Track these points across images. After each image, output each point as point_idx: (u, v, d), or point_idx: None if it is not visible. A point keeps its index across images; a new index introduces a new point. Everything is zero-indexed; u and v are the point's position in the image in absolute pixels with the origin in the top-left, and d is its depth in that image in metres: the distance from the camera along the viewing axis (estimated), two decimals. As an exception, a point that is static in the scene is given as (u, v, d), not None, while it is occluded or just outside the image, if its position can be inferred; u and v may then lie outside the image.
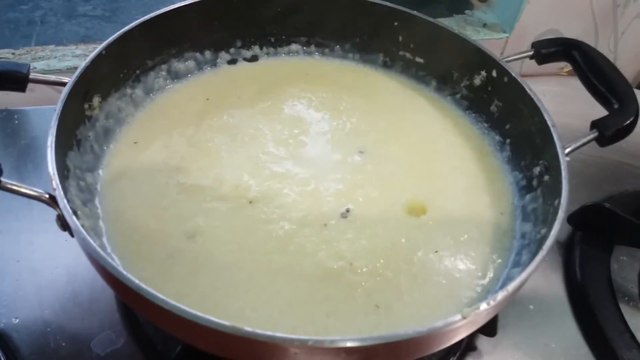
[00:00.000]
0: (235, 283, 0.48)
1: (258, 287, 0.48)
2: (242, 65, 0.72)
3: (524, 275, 0.42)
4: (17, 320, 0.54)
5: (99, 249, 0.41)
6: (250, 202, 0.55)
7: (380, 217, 0.55)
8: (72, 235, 0.45)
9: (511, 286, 0.41)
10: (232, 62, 0.72)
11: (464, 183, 0.59)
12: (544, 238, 0.47)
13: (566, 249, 0.67)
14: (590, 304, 0.60)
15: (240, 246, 0.51)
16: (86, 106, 0.56)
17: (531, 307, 0.61)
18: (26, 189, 0.44)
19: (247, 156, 0.60)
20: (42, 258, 0.59)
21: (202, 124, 0.63)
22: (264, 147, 0.62)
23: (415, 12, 0.68)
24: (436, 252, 0.52)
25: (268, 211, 0.54)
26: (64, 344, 0.53)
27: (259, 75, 0.72)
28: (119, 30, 0.86)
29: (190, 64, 0.68)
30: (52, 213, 0.45)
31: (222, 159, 0.59)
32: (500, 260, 0.52)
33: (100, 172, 0.56)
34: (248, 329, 0.37)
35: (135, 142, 0.60)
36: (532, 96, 0.57)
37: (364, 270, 0.50)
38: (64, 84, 0.51)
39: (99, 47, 0.55)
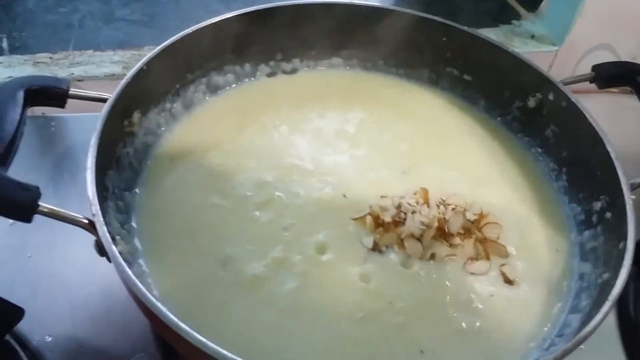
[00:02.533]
0: (269, 320, 0.46)
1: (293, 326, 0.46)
2: (280, 78, 0.70)
3: (587, 329, 0.39)
4: (50, 339, 0.53)
5: (137, 281, 0.39)
6: (286, 230, 0.52)
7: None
8: (109, 261, 0.44)
9: (573, 342, 0.38)
10: (272, 74, 0.70)
11: (517, 215, 0.56)
12: (607, 285, 0.43)
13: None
14: (644, 345, 0.57)
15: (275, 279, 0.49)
16: (126, 123, 0.54)
17: (582, 347, 0.57)
18: (64, 214, 0.43)
19: (283, 174, 0.58)
20: (76, 274, 0.58)
21: (238, 139, 0.62)
22: (301, 163, 0.60)
23: (465, 28, 0.65)
24: (491, 296, 0.48)
25: (303, 240, 0.52)
26: (96, 366, 0.52)
27: (298, 89, 0.70)
28: (156, 36, 0.85)
29: (230, 77, 0.66)
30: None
31: (257, 178, 0.57)
32: (558, 304, 0.48)
33: (137, 190, 0.54)
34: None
35: (171, 159, 0.58)
36: (594, 124, 0.54)
37: (407, 310, 0.47)
38: (104, 100, 0.50)
39: (140, 62, 0.53)
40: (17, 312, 0.51)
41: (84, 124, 0.73)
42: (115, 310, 0.56)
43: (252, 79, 0.69)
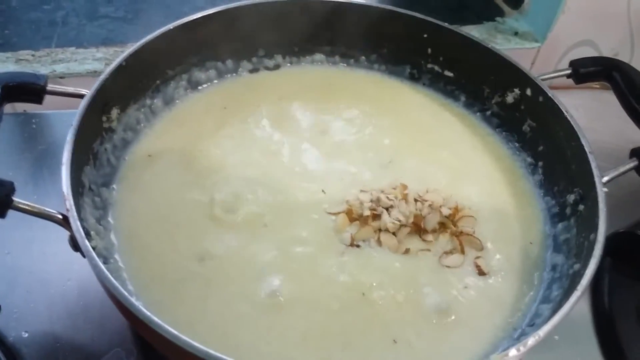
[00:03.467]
0: (246, 313, 0.46)
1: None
2: (263, 74, 0.70)
3: (556, 318, 0.40)
4: (27, 335, 0.53)
5: (109, 275, 0.39)
6: (265, 226, 0.53)
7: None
8: (83, 256, 0.44)
9: (543, 330, 0.39)
10: (254, 70, 0.70)
11: (493, 208, 0.56)
12: (578, 275, 0.44)
13: (594, 276, 0.63)
14: (617, 334, 0.57)
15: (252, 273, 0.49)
16: (104, 119, 0.54)
17: (556, 337, 0.58)
18: (38, 209, 0.43)
19: (263, 171, 0.58)
20: (54, 270, 0.58)
21: (217, 135, 0.62)
22: (281, 159, 0.60)
23: (446, 24, 0.65)
24: (465, 287, 0.49)
25: (281, 235, 0.52)
26: (73, 361, 0.52)
27: (280, 84, 0.70)
28: (140, 32, 0.85)
29: (212, 73, 0.66)
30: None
31: (237, 174, 0.57)
32: (530, 294, 0.49)
33: (114, 186, 0.54)
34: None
35: (149, 155, 0.58)
36: (569, 119, 0.54)
37: (382, 302, 0.48)
38: (81, 96, 0.50)
39: (119, 58, 0.53)
40: (-7, 309, 0.51)
41: (65, 121, 0.72)
42: (92, 306, 0.56)
43: (234, 74, 0.69)
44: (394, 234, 0.51)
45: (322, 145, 0.62)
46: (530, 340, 0.38)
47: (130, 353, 0.53)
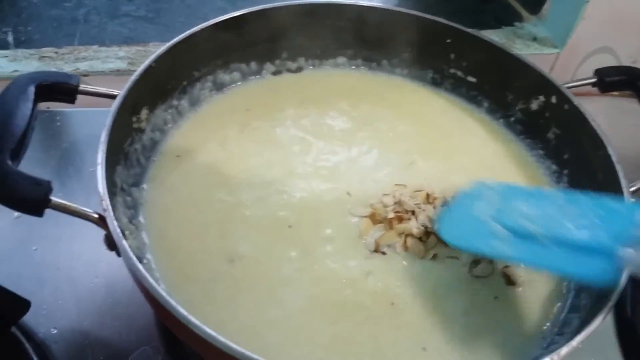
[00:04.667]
0: (276, 315, 0.47)
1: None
2: (286, 76, 0.71)
3: (591, 327, 0.40)
4: (56, 331, 0.54)
5: (147, 276, 0.40)
6: (290, 227, 0.53)
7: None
8: (118, 255, 0.44)
9: (576, 340, 0.39)
10: (277, 73, 0.70)
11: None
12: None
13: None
14: (640, 344, 0.58)
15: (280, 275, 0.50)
16: (134, 119, 0.55)
17: (579, 346, 0.58)
18: (75, 208, 0.44)
19: (286, 172, 0.59)
20: (81, 267, 0.59)
21: (244, 136, 0.62)
22: (305, 160, 0.61)
23: (470, 30, 0.66)
24: (495, 298, 0.49)
25: (307, 237, 0.52)
26: (101, 359, 0.52)
27: (303, 87, 0.70)
28: (161, 32, 0.86)
29: (235, 75, 0.67)
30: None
31: (261, 175, 0.58)
32: (558, 303, 0.49)
33: (144, 186, 0.55)
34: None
35: (177, 155, 0.59)
36: (596, 128, 0.55)
37: (410, 309, 0.48)
38: (113, 97, 0.50)
39: (149, 59, 0.54)
40: (23, 305, 0.51)
41: (89, 119, 0.73)
42: (120, 303, 0.56)
43: (258, 76, 0.69)
44: (420, 239, 0.52)
45: (345, 148, 0.63)
46: (564, 350, 0.39)
47: (158, 351, 0.53)
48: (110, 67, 0.77)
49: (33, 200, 0.41)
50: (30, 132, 0.46)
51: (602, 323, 0.60)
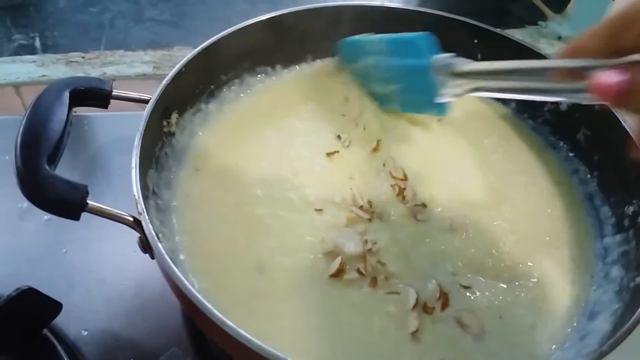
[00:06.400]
0: (309, 324, 0.46)
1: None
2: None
3: (624, 331, 0.39)
4: (86, 333, 0.54)
5: (182, 278, 0.40)
6: (323, 242, 0.51)
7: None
8: (152, 257, 0.45)
9: (608, 344, 0.39)
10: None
11: (544, 218, 0.56)
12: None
13: None
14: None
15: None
16: (165, 123, 0.55)
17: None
18: (110, 212, 0.44)
19: (314, 176, 0.58)
20: (111, 269, 0.59)
21: (271, 140, 0.61)
22: (330, 165, 0.60)
23: (497, 30, 0.65)
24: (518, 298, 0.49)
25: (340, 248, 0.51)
26: (132, 360, 0.53)
27: (327, 90, 0.70)
28: (185, 36, 0.86)
29: (261, 77, 0.67)
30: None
31: (287, 179, 0.57)
32: (583, 306, 0.49)
33: (175, 189, 0.55)
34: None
35: (205, 159, 0.58)
36: (628, 129, 0.54)
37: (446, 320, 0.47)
38: (145, 101, 0.51)
39: (179, 63, 0.54)
40: (55, 307, 0.52)
41: (116, 123, 0.74)
42: (149, 305, 0.57)
43: (281, 78, 0.69)
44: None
45: (375, 147, 0.62)
46: (596, 354, 0.38)
47: (187, 352, 0.54)
48: (136, 71, 0.78)
49: (71, 204, 0.42)
50: (66, 137, 0.47)
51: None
